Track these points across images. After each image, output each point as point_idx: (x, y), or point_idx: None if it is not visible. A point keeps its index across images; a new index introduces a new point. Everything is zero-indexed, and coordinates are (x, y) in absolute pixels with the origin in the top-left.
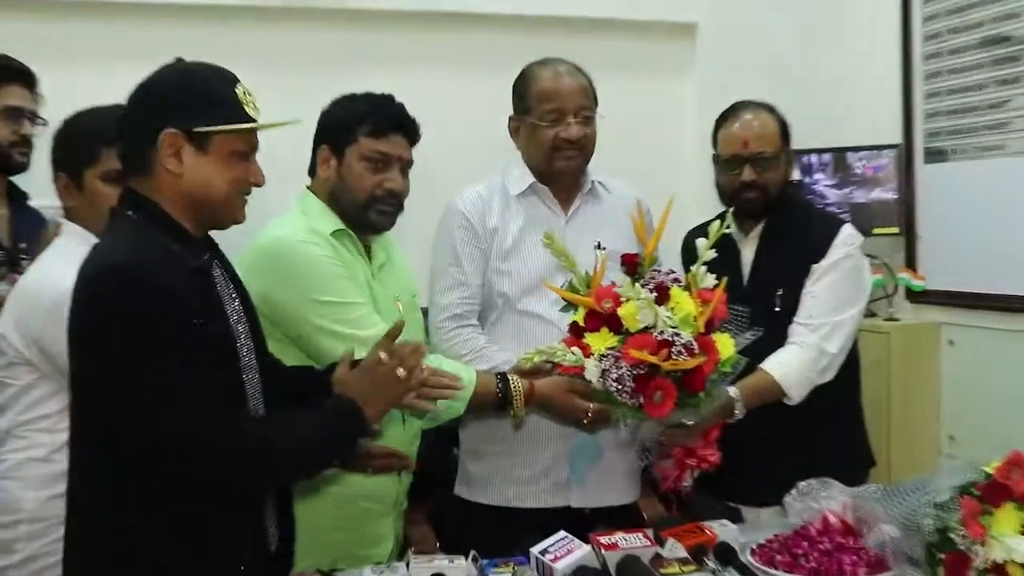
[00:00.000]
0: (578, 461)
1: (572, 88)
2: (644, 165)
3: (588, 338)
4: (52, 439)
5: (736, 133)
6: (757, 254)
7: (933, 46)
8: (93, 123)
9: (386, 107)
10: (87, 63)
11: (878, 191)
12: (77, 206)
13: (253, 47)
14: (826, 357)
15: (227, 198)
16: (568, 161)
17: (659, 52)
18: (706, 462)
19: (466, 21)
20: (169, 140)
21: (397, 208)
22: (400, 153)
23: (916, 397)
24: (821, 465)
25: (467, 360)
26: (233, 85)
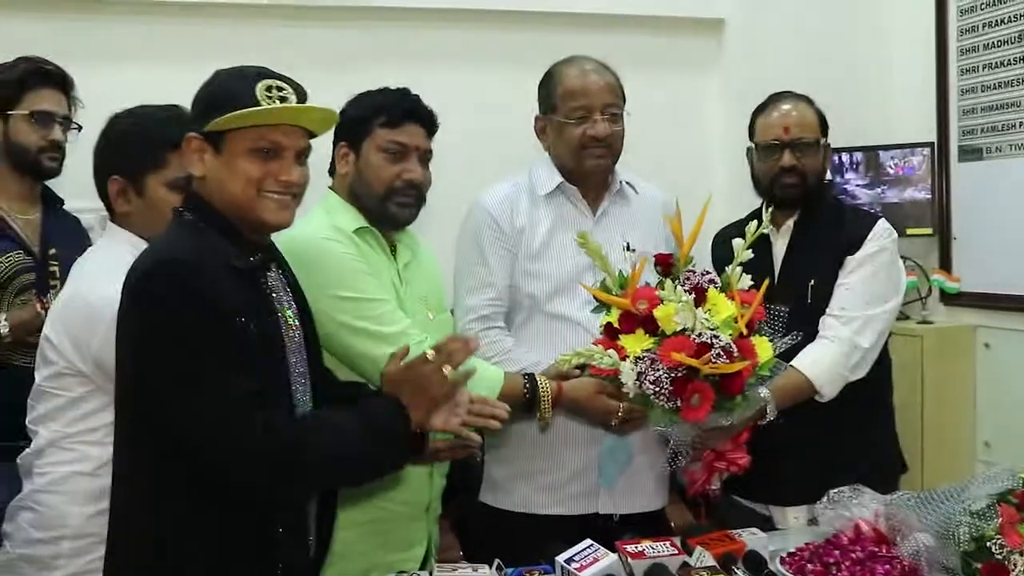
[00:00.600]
0: (608, 465)
1: (599, 85)
2: (671, 163)
3: (623, 340)
4: (100, 453)
5: (775, 120)
6: (789, 246)
7: (968, 40)
8: (156, 125)
9: (401, 98)
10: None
11: (911, 191)
12: (133, 211)
13: (272, 46)
14: (858, 352)
15: (246, 198)
16: (597, 160)
17: (685, 48)
18: (735, 465)
19: (490, 18)
20: (188, 144)
21: (419, 200)
22: (417, 143)
23: (950, 402)
24: (851, 468)
25: (494, 362)
26: (254, 81)
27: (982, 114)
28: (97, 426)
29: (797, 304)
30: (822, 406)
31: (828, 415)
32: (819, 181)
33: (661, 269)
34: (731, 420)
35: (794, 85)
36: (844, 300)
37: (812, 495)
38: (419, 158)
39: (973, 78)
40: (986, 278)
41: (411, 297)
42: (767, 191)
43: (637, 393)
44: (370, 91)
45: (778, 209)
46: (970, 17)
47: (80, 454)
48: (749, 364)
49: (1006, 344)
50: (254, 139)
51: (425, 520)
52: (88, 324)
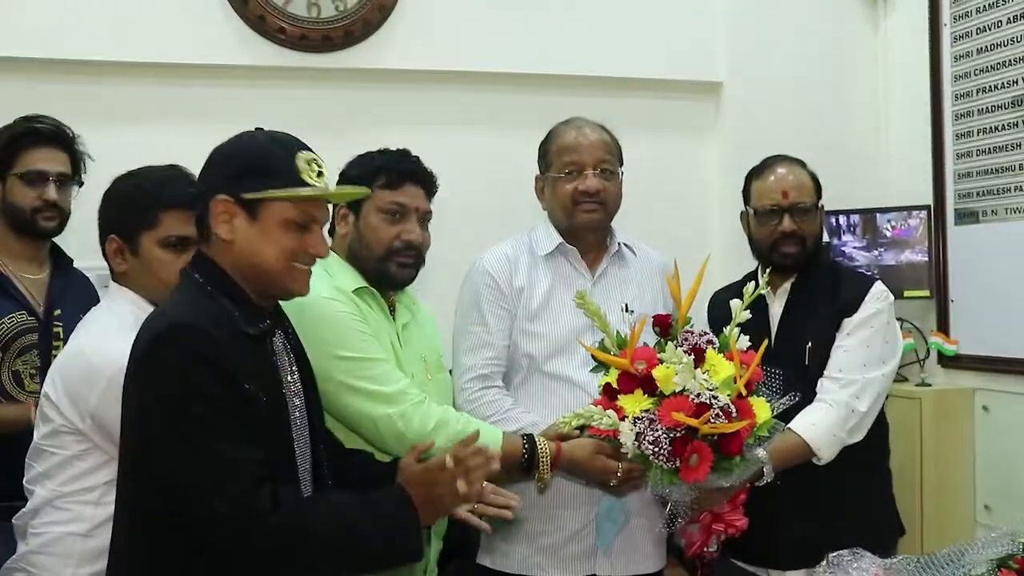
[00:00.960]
0: (605, 526)
1: (591, 141)
2: (668, 224)
3: (622, 400)
4: (95, 513)
5: (773, 184)
6: (786, 309)
7: (963, 105)
8: (151, 185)
9: (400, 159)
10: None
11: (908, 253)
12: (130, 270)
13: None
14: (856, 416)
15: (279, 268)
16: (589, 214)
17: (684, 111)
18: (732, 527)
19: (490, 80)
20: (219, 207)
21: (418, 261)
22: (417, 204)
23: (949, 465)
24: (848, 531)
25: (493, 422)
26: (294, 152)
27: (978, 177)
28: (93, 485)
29: (794, 366)
30: (819, 469)
31: (825, 478)
32: (817, 244)
33: (660, 330)
34: (730, 481)
35: (791, 147)
36: (842, 363)
37: (810, 558)
38: (418, 219)
39: (968, 142)
40: (984, 341)
41: (409, 357)
42: (766, 256)
43: (636, 453)
44: (370, 152)
45: (776, 273)
46: (964, 82)
47: (75, 514)
48: (748, 424)
49: (1005, 407)
50: (296, 213)
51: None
52: (87, 381)
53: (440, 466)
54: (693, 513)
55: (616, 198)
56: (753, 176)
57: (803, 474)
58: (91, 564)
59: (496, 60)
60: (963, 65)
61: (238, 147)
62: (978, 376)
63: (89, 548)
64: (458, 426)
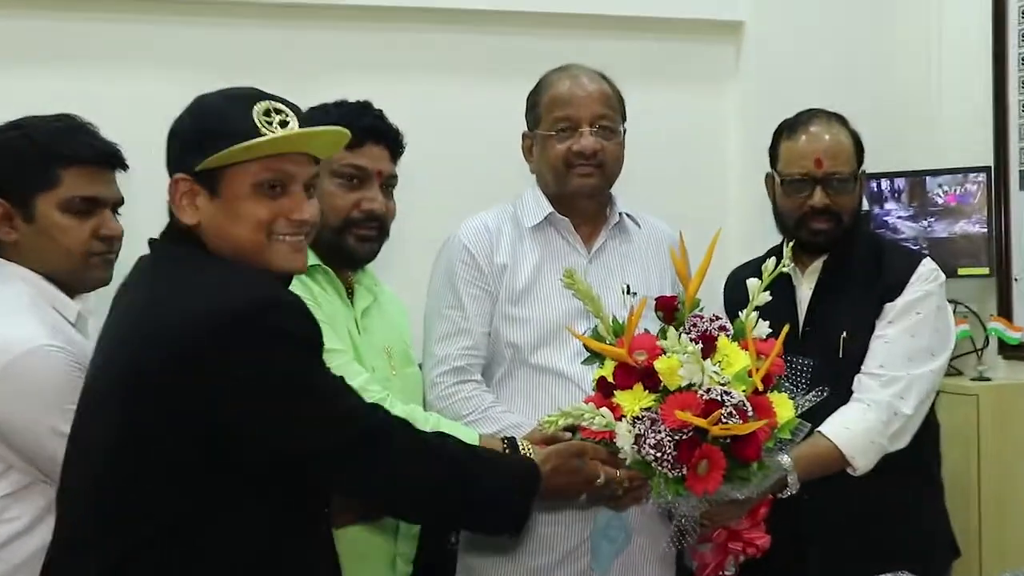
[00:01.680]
0: (602, 546)
1: (588, 93)
2: (678, 190)
3: (618, 397)
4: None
5: (805, 148)
6: (816, 292)
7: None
8: (46, 138)
9: (360, 113)
10: (32, 64)
11: (964, 223)
12: (22, 240)
13: (209, 47)
14: (899, 419)
15: (256, 246)
16: (584, 179)
17: (698, 55)
18: (752, 547)
19: (471, 19)
20: (177, 187)
21: (380, 233)
22: (379, 167)
23: (1012, 473)
24: (891, 552)
25: (469, 422)
26: (249, 104)
27: None
28: None
29: (826, 359)
30: (855, 480)
31: (862, 490)
32: (854, 220)
33: (663, 314)
34: (746, 493)
35: (823, 99)
36: (883, 357)
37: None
38: (381, 184)
39: None
40: None
41: (370, 348)
42: (792, 231)
43: (636, 459)
44: (324, 104)
45: (804, 251)
46: None
47: None
48: (766, 425)
49: None
50: (259, 172)
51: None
52: None
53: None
54: (704, 530)
55: (616, 160)
56: (783, 134)
57: (835, 483)
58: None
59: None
60: None
61: (190, 114)
62: None
63: None
64: (425, 427)
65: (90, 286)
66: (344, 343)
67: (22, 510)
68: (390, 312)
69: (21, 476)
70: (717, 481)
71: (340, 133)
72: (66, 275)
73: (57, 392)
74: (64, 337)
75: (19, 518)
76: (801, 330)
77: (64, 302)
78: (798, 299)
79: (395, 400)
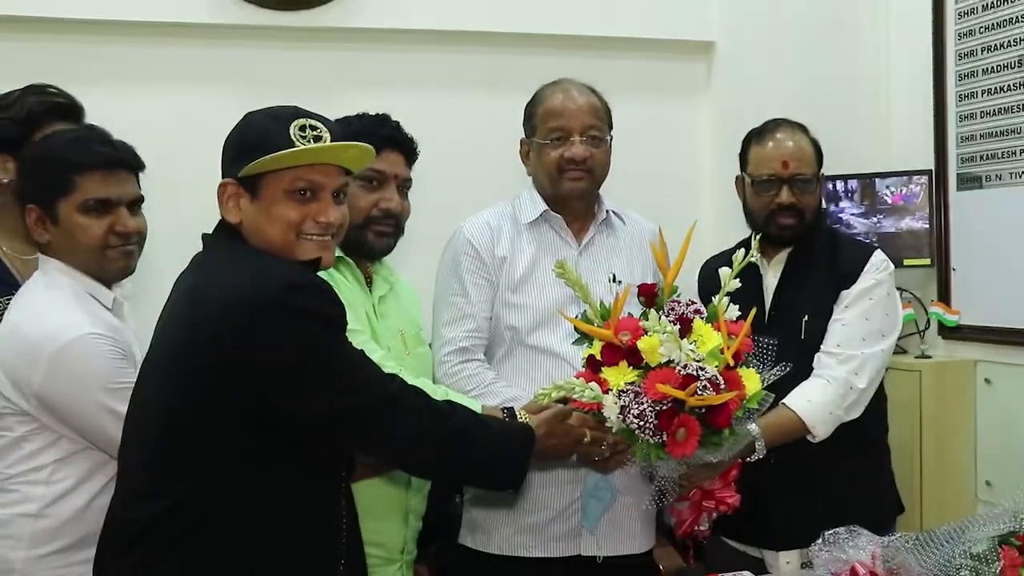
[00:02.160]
0: (591, 504)
1: (578, 106)
2: (657, 190)
3: (605, 373)
4: (45, 492)
5: (773, 152)
6: (781, 280)
7: (967, 65)
8: (62, 149)
9: (379, 124)
10: (94, 85)
11: (908, 220)
12: (53, 240)
13: (249, 69)
14: (854, 393)
15: (286, 243)
16: (574, 183)
17: (674, 72)
18: (724, 504)
19: (473, 40)
20: (222, 191)
21: (397, 230)
22: (396, 171)
23: (950, 440)
24: (846, 509)
25: (473, 395)
26: (288, 121)
27: (981, 141)
28: (42, 465)
29: (790, 339)
30: (815, 445)
31: (821, 454)
32: (816, 216)
33: (645, 299)
34: (719, 456)
35: (787, 111)
36: (840, 337)
37: (805, 538)
38: (397, 187)
39: (972, 104)
40: (987, 311)
41: (386, 331)
42: (761, 227)
43: (621, 427)
44: (348, 117)
45: (771, 243)
46: (968, 41)
47: (23, 495)
48: (736, 396)
49: (1008, 379)
50: (291, 181)
51: (400, 563)
52: (28, 360)
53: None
54: (683, 490)
55: (604, 165)
56: (752, 140)
57: (798, 450)
58: (43, 545)
59: (479, 19)
60: (968, 22)
61: (237, 129)
62: (980, 348)
63: (40, 529)
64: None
65: (113, 276)
66: (363, 325)
67: (69, 472)
68: (404, 299)
69: (70, 444)
70: (693, 446)
71: (366, 149)
72: (91, 267)
73: (101, 374)
74: (104, 324)
75: (66, 479)
76: (768, 314)
77: (99, 291)
78: (765, 286)
79: (407, 376)
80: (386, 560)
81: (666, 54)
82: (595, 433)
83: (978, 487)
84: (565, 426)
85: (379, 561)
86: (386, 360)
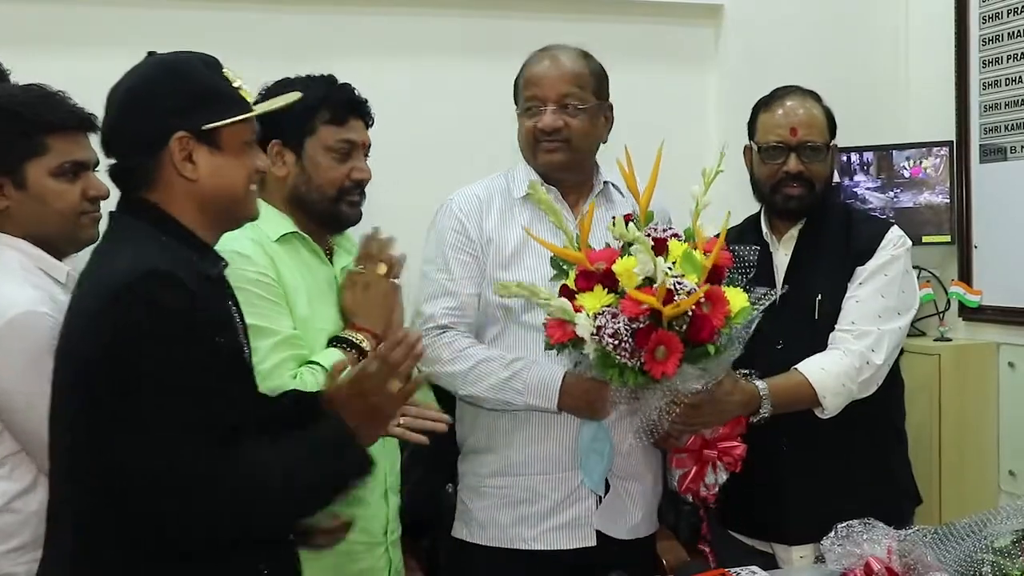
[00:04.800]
0: (591, 460)
1: (557, 73)
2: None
3: (580, 298)
4: (7, 488)
5: (781, 119)
6: (793, 257)
7: (992, 29)
8: (28, 107)
9: (339, 90)
10: (36, 47)
11: (927, 194)
12: (13, 207)
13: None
14: (871, 368)
15: (244, 193)
16: (549, 155)
17: (680, 38)
18: (729, 456)
19: (475, 4)
20: (179, 145)
21: (362, 197)
22: (363, 139)
23: (971, 427)
24: (860, 500)
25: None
26: (220, 70)
27: (1006, 110)
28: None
29: (802, 318)
30: (828, 432)
31: (834, 441)
32: (826, 188)
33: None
34: (706, 378)
35: (799, 78)
36: (856, 314)
37: (817, 531)
38: (364, 154)
39: (997, 70)
40: (1010, 290)
41: None
42: (767, 198)
43: (597, 350)
44: (296, 79)
45: (780, 218)
46: (993, 3)
47: None
48: (717, 310)
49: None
50: (249, 132)
51: (385, 544)
52: None
53: (365, 373)
54: (677, 429)
55: (584, 135)
56: (760, 107)
57: (810, 437)
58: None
59: None
60: None
61: (172, 77)
62: (1003, 329)
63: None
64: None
65: (82, 245)
66: (323, 299)
67: (31, 466)
68: None
69: None
70: (675, 364)
71: (291, 96)
72: (59, 237)
73: (44, 355)
74: (51, 302)
75: (28, 474)
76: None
77: (52, 264)
78: (775, 264)
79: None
80: (369, 545)
81: (672, 18)
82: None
83: (1001, 477)
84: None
85: (362, 547)
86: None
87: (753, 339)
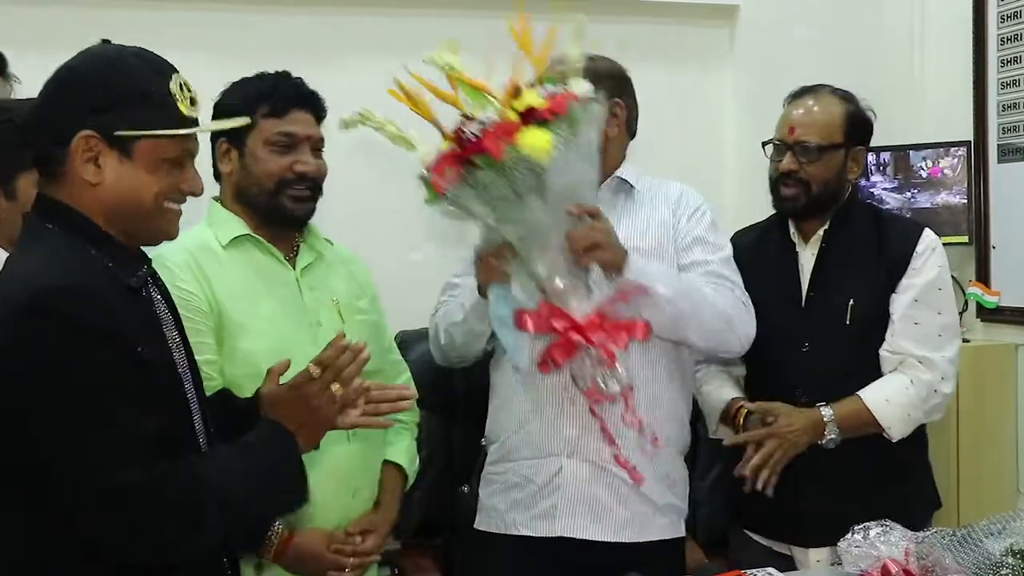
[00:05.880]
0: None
1: None
2: (678, 159)
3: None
4: None
5: (785, 117)
6: (819, 259)
7: (1010, 28)
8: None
9: (282, 83)
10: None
11: (945, 194)
12: (3, 216)
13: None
14: (938, 396)
15: (153, 209)
16: None
17: (695, 38)
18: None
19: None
20: (84, 144)
21: (314, 192)
22: (308, 131)
23: (989, 428)
24: (879, 503)
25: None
26: (167, 77)
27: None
28: None
29: (832, 323)
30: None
31: (853, 443)
32: (834, 192)
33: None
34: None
35: (814, 78)
36: (916, 335)
37: (835, 533)
38: (311, 148)
39: (1015, 70)
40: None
41: (316, 302)
42: (772, 195)
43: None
44: (247, 78)
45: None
46: (1012, 2)
47: None
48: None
49: None
50: (175, 149)
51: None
52: None
53: (307, 379)
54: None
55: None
56: (784, 103)
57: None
58: None
59: None
60: None
61: (102, 71)
62: (1022, 331)
63: None
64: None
65: None
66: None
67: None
68: (338, 267)
69: None
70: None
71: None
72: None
73: None
74: None
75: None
76: (805, 295)
77: None
78: (801, 263)
79: None
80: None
81: (687, 19)
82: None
83: (1020, 480)
84: (298, 392)
85: None
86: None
87: (778, 340)
